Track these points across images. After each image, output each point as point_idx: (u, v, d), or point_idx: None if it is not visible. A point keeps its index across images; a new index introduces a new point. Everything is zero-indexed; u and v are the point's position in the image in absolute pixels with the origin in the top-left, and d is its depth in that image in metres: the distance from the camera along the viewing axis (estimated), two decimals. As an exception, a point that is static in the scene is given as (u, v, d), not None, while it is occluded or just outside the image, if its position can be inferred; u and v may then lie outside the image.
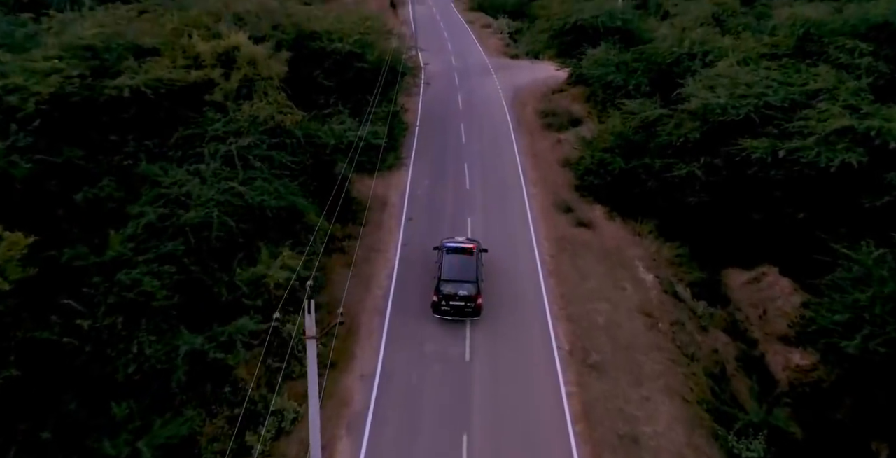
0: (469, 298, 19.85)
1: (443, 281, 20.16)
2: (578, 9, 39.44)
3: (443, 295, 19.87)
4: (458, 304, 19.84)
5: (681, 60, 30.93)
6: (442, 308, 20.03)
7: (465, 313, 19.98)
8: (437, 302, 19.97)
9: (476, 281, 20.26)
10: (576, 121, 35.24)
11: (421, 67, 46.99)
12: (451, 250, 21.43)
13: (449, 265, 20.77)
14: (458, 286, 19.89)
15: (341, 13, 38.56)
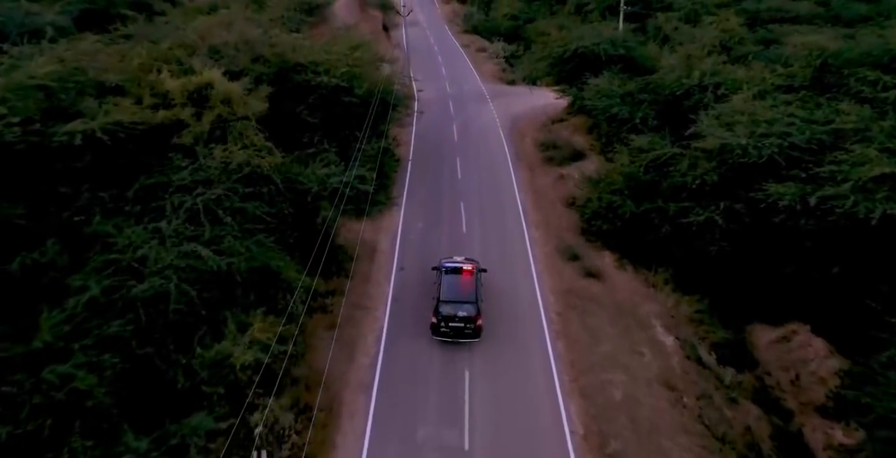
0: (469, 319, 19.44)
1: (441, 302, 19.80)
2: (578, 36, 37.46)
3: (442, 316, 19.49)
4: (457, 325, 19.44)
5: (691, 93, 28.78)
6: (441, 330, 19.59)
7: (465, 335, 19.55)
8: (437, 324, 19.59)
9: (475, 302, 19.91)
10: (578, 154, 32.98)
11: (414, 95, 44.95)
12: (449, 271, 21.09)
13: (447, 286, 20.42)
14: (457, 307, 19.56)
15: (329, 41, 36.47)
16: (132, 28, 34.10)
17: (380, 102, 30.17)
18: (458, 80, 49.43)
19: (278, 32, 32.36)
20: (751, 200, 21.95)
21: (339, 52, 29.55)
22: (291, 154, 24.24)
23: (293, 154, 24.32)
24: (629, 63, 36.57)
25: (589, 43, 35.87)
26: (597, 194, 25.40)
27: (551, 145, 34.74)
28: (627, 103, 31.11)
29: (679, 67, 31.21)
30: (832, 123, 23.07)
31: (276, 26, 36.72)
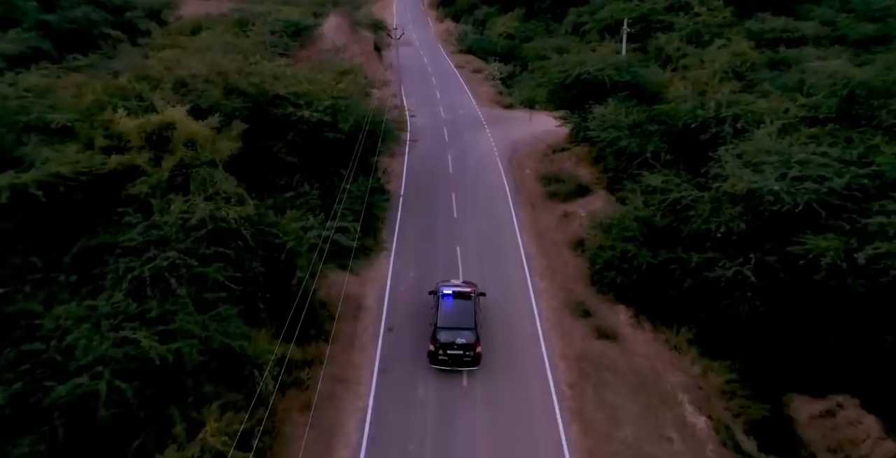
0: (468, 346, 18.67)
1: (439, 329, 19.00)
2: (580, 60, 35.04)
3: (440, 344, 18.71)
4: (456, 353, 18.69)
5: (706, 126, 26.23)
6: (439, 358, 18.79)
7: (464, 363, 18.77)
8: (434, 352, 18.82)
9: (475, 328, 19.10)
10: (583, 189, 30.31)
11: (406, 121, 42.39)
12: (447, 295, 20.21)
13: (445, 311, 19.61)
14: (455, 334, 18.75)
15: (315, 68, 33.96)
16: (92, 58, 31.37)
17: (369, 135, 27.56)
18: (453, 104, 46.95)
19: (259, 59, 29.74)
20: (786, 253, 19.29)
21: (324, 81, 26.87)
22: (267, 200, 21.45)
23: (269, 200, 21.52)
24: (635, 89, 34.11)
25: (592, 69, 33.37)
26: (609, 242, 22.63)
27: (554, 178, 32.08)
28: (636, 135, 28.52)
29: (692, 97, 28.73)
30: (871, 164, 20.53)
31: (259, 51, 34.14)
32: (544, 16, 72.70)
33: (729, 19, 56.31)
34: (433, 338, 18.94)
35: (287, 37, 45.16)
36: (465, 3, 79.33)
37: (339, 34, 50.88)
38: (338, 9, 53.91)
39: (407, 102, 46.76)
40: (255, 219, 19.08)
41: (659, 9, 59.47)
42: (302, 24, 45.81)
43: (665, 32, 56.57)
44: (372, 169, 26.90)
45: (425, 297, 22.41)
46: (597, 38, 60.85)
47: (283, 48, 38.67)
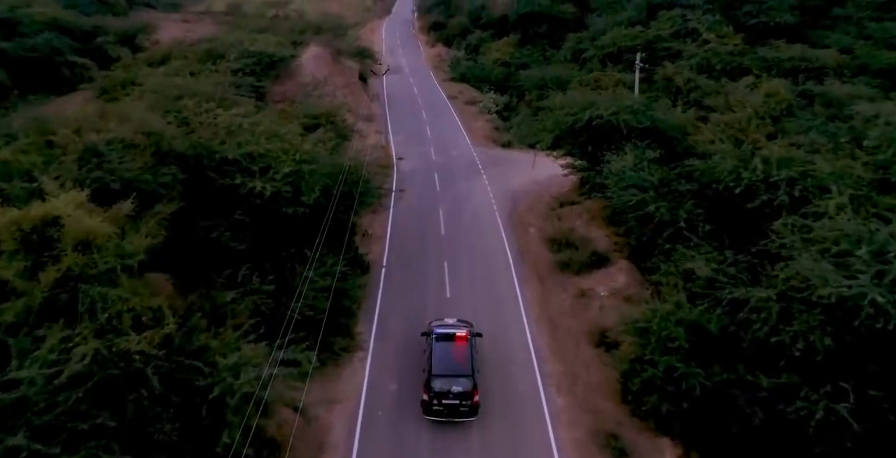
0: (464, 394, 17.08)
1: (433, 376, 17.37)
2: (589, 101, 30.17)
3: (434, 393, 17.08)
4: (451, 402, 17.06)
5: (754, 191, 21.24)
6: (434, 409, 17.16)
7: (461, 413, 17.13)
8: (429, 401, 17.16)
9: (471, 375, 17.50)
10: (601, 258, 25.11)
11: (392, 164, 37.35)
12: (440, 337, 18.51)
13: (439, 357, 17.93)
14: (450, 382, 17.16)
15: (285, 115, 28.92)
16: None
17: (343, 198, 22.42)
18: (445, 142, 41.97)
19: (213, 106, 24.63)
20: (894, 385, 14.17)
21: (288, 138, 21.64)
22: (198, 303, 16.18)
23: (201, 303, 16.24)
24: (654, 135, 29.24)
25: (605, 112, 28.40)
26: (647, 353, 17.36)
27: (564, 242, 26.93)
28: (664, 196, 23.51)
29: (730, 151, 23.74)
30: None
31: (220, 92, 29.05)
32: (540, 41, 68.41)
33: (740, 47, 52.04)
34: (427, 387, 17.26)
35: (260, 70, 40.20)
36: (457, 28, 75.03)
37: (320, 65, 46.00)
38: (319, 37, 49.16)
39: (394, 140, 41.90)
40: (176, 344, 13.79)
41: (665, 35, 55.09)
42: (277, 56, 40.86)
43: (672, 61, 52.18)
44: (345, 241, 21.64)
45: (409, 421, 17.06)
46: (598, 66, 56.35)
47: (249, 89, 33.48)
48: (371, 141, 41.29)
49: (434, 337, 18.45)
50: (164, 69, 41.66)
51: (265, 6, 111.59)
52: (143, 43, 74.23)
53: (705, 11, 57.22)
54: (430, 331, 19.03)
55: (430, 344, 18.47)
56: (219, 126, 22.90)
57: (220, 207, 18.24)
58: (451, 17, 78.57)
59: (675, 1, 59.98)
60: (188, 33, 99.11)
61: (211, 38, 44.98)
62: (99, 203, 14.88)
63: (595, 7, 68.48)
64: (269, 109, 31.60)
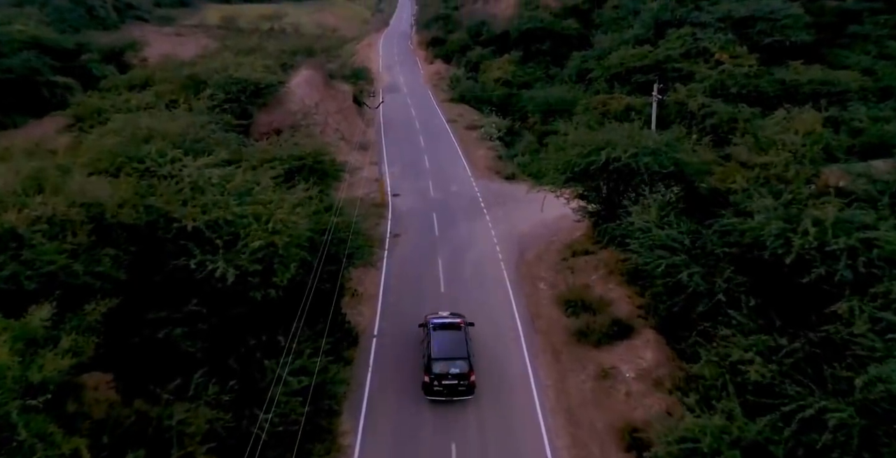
0: (462, 375, 18.61)
1: (433, 360, 18.82)
2: (604, 141, 26.90)
3: (434, 375, 18.55)
4: (451, 383, 18.56)
5: (808, 261, 18.05)
6: (434, 389, 18.58)
7: (459, 393, 18.62)
8: (429, 383, 18.61)
9: (468, 358, 19.09)
10: (623, 328, 21.78)
11: (387, 203, 34.13)
12: (437, 327, 20.32)
13: (438, 343, 19.54)
14: (449, 364, 18.74)
15: (265, 155, 25.68)
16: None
17: (329, 260, 19.19)
18: (445, 174, 38.74)
19: (180, 154, 21.38)
20: None
21: (263, 200, 18.30)
22: (137, 419, 12.87)
23: (141, 423, 12.93)
24: (676, 177, 26.07)
25: (623, 154, 25.19)
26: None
27: (579, 304, 23.57)
28: (698, 260, 20.25)
29: (771, 207, 20.49)
30: None
31: (194, 132, 25.80)
32: (543, 58, 65.40)
33: (756, 68, 49.00)
34: (427, 369, 18.79)
35: (245, 98, 37.03)
36: (456, 44, 72.02)
37: (311, 90, 42.88)
38: (311, 60, 46.01)
39: (389, 172, 38.66)
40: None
41: (675, 55, 51.98)
42: (264, 83, 37.67)
43: (684, 83, 49.13)
44: (328, 322, 18.28)
45: None
46: (605, 87, 53.27)
47: (226, 125, 30.09)
48: (366, 173, 38.16)
49: (432, 327, 20.23)
50: (142, 96, 38.54)
51: (260, 19, 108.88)
52: (130, 60, 71.56)
53: (717, 30, 54.18)
54: (426, 323, 20.78)
55: (428, 333, 20.14)
56: (185, 181, 19.71)
57: (172, 295, 14.96)
58: (450, 33, 75.66)
59: (684, 18, 56.99)
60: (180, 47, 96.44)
61: (194, 63, 41.68)
62: (5, 312, 11.62)
63: (599, 23, 65.57)
64: (250, 147, 28.34)
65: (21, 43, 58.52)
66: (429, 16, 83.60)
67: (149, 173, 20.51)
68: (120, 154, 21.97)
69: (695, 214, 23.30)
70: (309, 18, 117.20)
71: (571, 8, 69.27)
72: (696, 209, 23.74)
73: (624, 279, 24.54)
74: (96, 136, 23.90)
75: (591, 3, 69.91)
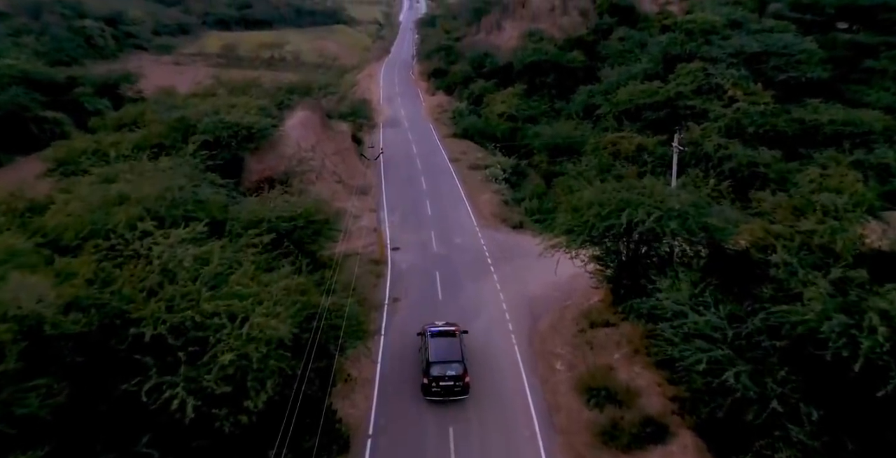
0: (457, 377, 20.12)
1: (431, 363, 20.36)
2: (624, 200, 24.24)
3: (432, 377, 20.08)
4: (447, 384, 20.07)
5: (883, 370, 15.30)
6: (432, 390, 20.13)
7: (455, 393, 20.12)
8: (428, 384, 20.16)
9: (462, 361, 20.66)
10: (657, 428, 18.90)
11: (386, 258, 31.46)
12: (434, 334, 21.89)
13: (435, 348, 21.14)
14: (445, 367, 20.26)
15: (254, 214, 23.08)
16: None
17: (320, 354, 16.42)
18: (448, 223, 36.15)
19: (152, 227, 18.76)
20: None
21: (241, 291, 15.60)
22: None
23: None
24: (709, 244, 23.39)
25: (647, 218, 22.54)
26: None
27: (602, 393, 20.60)
28: (745, 356, 17.42)
29: (826, 292, 17.78)
30: None
31: (171, 195, 23.19)
32: (548, 91, 63.50)
33: (772, 107, 46.85)
34: (426, 373, 20.35)
35: (236, 144, 34.64)
36: (458, 76, 70.26)
37: (307, 132, 40.60)
38: (308, 99, 43.81)
39: (389, 220, 36.13)
40: None
41: (686, 92, 49.95)
42: (256, 128, 35.32)
43: (698, 122, 46.96)
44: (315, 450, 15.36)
45: None
46: (613, 124, 51.13)
47: (212, 185, 27.21)
48: (365, 221, 35.61)
49: (429, 334, 21.87)
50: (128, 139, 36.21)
51: (260, 48, 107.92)
52: (125, 92, 69.73)
53: (729, 65, 52.24)
54: (424, 331, 22.44)
55: (425, 341, 21.70)
56: (154, 263, 17.09)
57: (120, 430, 12.18)
58: (452, 64, 74.03)
59: (694, 53, 55.13)
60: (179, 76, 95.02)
61: (185, 104, 39.43)
62: None
63: (606, 56, 63.78)
64: (236, 205, 25.79)
65: (10, 77, 56.68)
66: (430, 46, 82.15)
67: (113, 253, 17.91)
68: (85, 225, 19.46)
69: (731, 290, 20.62)
70: (310, 45, 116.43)
71: (576, 39, 67.69)
72: (732, 282, 21.04)
73: (651, 362, 21.70)
74: (61, 203, 21.25)
75: (596, 34, 68.35)
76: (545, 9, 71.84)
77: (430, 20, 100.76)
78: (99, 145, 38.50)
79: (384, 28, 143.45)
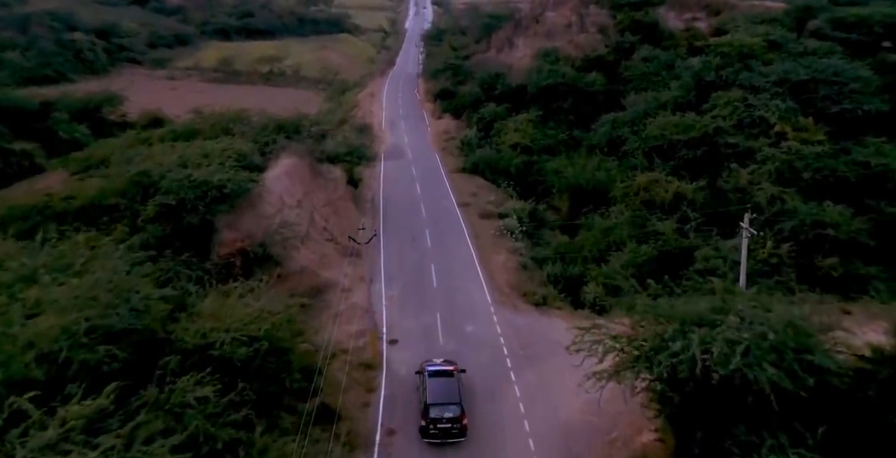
0: (455, 419, 19.94)
1: (429, 406, 20.17)
2: (681, 314, 17.67)
3: (430, 419, 19.90)
4: (445, 426, 19.88)
5: None
6: (430, 432, 19.94)
7: (452, 435, 19.94)
8: (426, 427, 20.01)
9: (460, 403, 20.43)
10: None
11: (381, 361, 25.28)
12: (432, 374, 21.54)
13: (433, 389, 20.80)
14: (443, 410, 20.06)
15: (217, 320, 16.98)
16: None
17: None
18: (457, 300, 29.59)
19: (25, 402, 12.75)
20: None
21: None
22: None
23: None
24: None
25: (729, 351, 16.22)
26: None
27: None
28: None
29: None
30: None
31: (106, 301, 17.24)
32: (565, 117, 57.10)
33: (828, 146, 40.31)
34: (424, 414, 20.08)
35: (204, 207, 28.53)
36: (467, 99, 63.93)
37: (294, 182, 34.45)
38: (296, 141, 37.56)
39: (386, 296, 30.04)
40: None
41: (726, 127, 43.45)
42: (230, 187, 29.13)
43: (743, 164, 40.46)
44: None
45: None
46: (642, 161, 44.69)
47: (159, 274, 20.90)
48: (357, 297, 29.51)
49: (427, 374, 21.56)
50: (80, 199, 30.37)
51: (259, 62, 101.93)
52: (108, 116, 63.97)
53: (773, 95, 45.60)
54: (423, 370, 22.07)
55: (423, 380, 21.46)
56: None
57: None
58: (460, 85, 67.70)
59: (731, 79, 48.50)
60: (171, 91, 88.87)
61: (149, 154, 33.33)
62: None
63: (629, 78, 57.11)
64: (191, 309, 19.71)
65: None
66: (436, 64, 75.76)
67: None
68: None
69: None
70: (311, 57, 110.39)
71: (595, 59, 61.12)
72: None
73: None
74: None
75: (617, 53, 61.66)
76: (561, 25, 65.37)
77: (437, 34, 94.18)
78: (50, 200, 32.72)
79: (389, 37, 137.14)
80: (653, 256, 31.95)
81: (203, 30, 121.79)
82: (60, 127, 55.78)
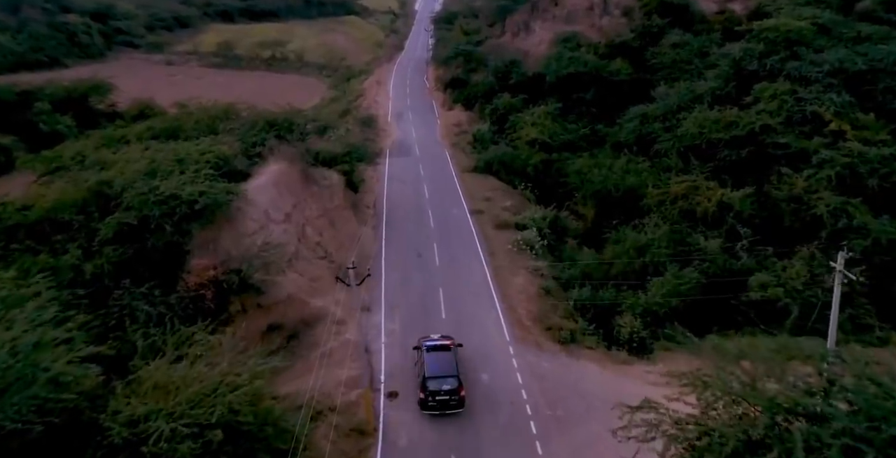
0: (453, 391, 20.09)
1: (428, 378, 20.27)
2: (766, 395, 12.93)
3: (429, 392, 20.02)
4: (443, 398, 20.03)
5: None
6: (429, 404, 20.07)
7: (451, 406, 20.08)
8: (424, 399, 20.11)
9: (457, 375, 20.47)
10: None
11: (377, 423, 20.54)
12: (430, 349, 21.68)
13: (431, 363, 20.93)
14: (441, 382, 20.19)
15: None
16: None
17: None
18: (470, 340, 24.28)
19: None
20: None
21: None
22: None
23: None
24: None
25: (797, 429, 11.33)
26: None
27: None
28: None
29: None
30: None
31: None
32: (587, 109, 51.33)
33: (894, 148, 34.55)
34: (423, 387, 20.23)
35: (172, 225, 23.68)
36: (480, 88, 58.12)
37: (283, 192, 29.39)
38: (287, 142, 32.22)
39: (385, 331, 25.32)
40: None
41: (774, 124, 37.69)
42: (204, 201, 24.15)
43: (795, 168, 34.88)
44: None
45: None
46: (678, 162, 39.21)
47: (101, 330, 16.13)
48: (350, 333, 24.75)
49: (425, 349, 21.65)
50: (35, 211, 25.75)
51: (260, 47, 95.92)
52: (96, 105, 58.95)
53: (826, 87, 39.59)
54: (420, 345, 22.17)
55: (421, 355, 21.60)
56: None
57: None
58: (472, 72, 61.72)
59: (777, 69, 42.36)
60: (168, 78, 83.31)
61: (115, 160, 28.34)
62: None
63: (658, 66, 51.01)
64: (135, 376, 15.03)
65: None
66: (447, 50, 69.59)
67: None
68: None
69: None
70: (316, 40, 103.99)
71: (619, 45, 54.82)
72: None
73: None
74: None
75: (643, 39, 55.25)
76: (582, 7, 58.98)
77: (448, 17, 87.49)
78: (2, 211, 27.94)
79: (398, 19, 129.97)
80: (700, 282, 26.84)
81: (205, 11, 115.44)
82: (42, 118, 50.77)
